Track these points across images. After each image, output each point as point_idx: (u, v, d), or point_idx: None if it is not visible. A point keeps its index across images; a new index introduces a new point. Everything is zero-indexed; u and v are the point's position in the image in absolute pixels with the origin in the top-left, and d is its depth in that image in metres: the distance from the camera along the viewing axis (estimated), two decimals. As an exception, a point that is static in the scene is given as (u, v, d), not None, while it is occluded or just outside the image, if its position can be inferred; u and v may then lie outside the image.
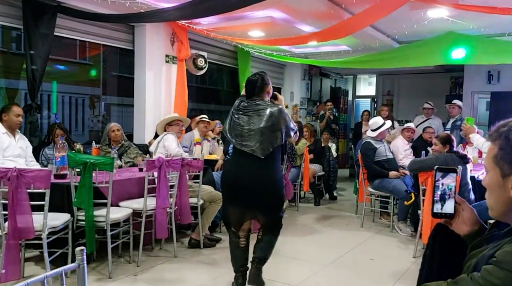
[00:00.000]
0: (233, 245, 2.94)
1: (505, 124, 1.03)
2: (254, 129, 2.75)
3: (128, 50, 5.72)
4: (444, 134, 4.61)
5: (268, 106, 2.80)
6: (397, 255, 3.97)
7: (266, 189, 2.76)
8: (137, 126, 5.74)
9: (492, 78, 8.17)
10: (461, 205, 1.20)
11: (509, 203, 1.01)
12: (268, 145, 2.73)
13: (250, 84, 2.90)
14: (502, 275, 0.89)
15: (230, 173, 2.93)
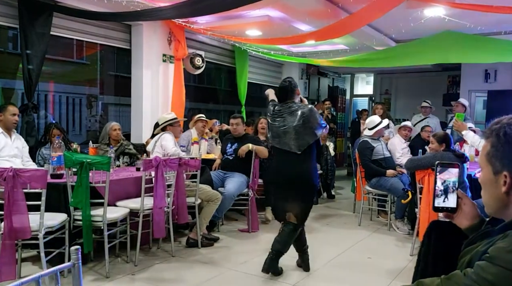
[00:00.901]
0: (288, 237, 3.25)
1: (498, 122, 1.04)
2: (289, 128, 3.14)
3: (125, 50, 5.71)
4: (441, 133, 4.62)
5: (299, 107, 3.19)
6: (395, 253, 3.97)
7: (302, 180, 3.16)
8: (135, 126, 5.74)
9: (489, 76, 8.19)
10: (463, 200, 1.22)
11: (501, 199, 1.02)
12: (303, 141, 3.13)
13: (282, 90, 3.32)
14: (494, 270, 0.90)
15: (274, 169, 3.37)
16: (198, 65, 6.13)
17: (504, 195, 1.01)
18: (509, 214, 1.02)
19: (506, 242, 0.93)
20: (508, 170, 0.99)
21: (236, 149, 4.64)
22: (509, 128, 1.00)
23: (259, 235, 4.43)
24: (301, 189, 3.17)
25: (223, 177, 4.64)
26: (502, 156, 1.00)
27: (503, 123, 1.02)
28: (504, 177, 1.00)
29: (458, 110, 6.56)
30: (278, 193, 3.28)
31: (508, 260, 0.89)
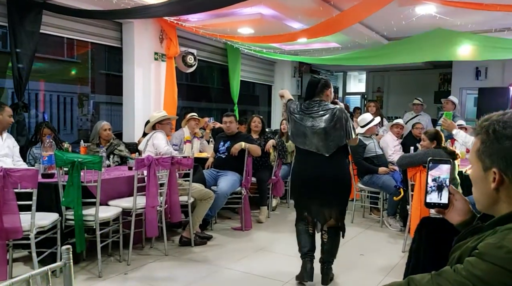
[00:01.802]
0: (301, 231, 3.10)
1: (487, 118, 1.05)
2: (318, 129, 2.92)
3: (117, 48, 5.67)
4: (433, 130, 4.65)
5: (330, 107, 2.96)
6: (387, 250, 4.00)
7: (334, 184, 2.94)
8: (126, 125, 5.71)
9: (480, 74, 8.28)
10: (455, 195, 1.22)
11: (491, 195, 1.03)
12: (332, 144, 2.91)
13: (311, 85, 3.06)
14: (484, 267, 0.90)
15: (299, 170, 3.12)
16: (190, 63, 6.11)
17: (493, 192, 1.02)
18: (498, 210, 1.03)
19: (495, 238, 0.94)
20: (497, 167, 1.00)
21: (229, 147, 4.63)
22: (498, 125, 1.00)
23: (253, 233, 4.43)
24: (337, 190, 2.97)
25: (216, 175, 4.64)
26: (491, 152, 1.01)
27: (493, 120, 1.02)
28: (493, 173, 1.01)
29: (448, 107, 6.61)
30: (310, 196, 3.01)
31: (497, 256, 0.90)
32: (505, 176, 0.99)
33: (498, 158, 1.00)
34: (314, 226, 3.06)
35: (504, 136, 0.99)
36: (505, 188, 1.00)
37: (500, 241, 0.92)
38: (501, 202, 1.02)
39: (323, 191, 2.93)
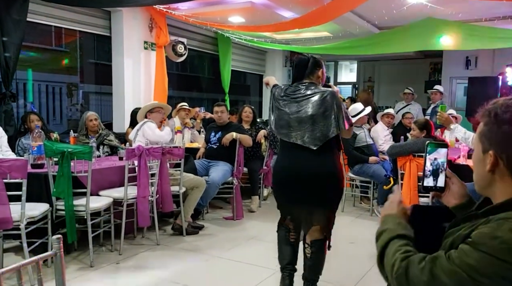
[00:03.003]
0: (282, 239, 2.64)
1: (494, 103, 1.06)
2: (304, 116, 2.41)
3: (105, 37, 5.60)
4: (422, 119, 4.70)
5: (320, 90, 2.45)
6: (377, 238, 4.05)
7: (323, 183, 2.42)
8: (116, 115, 5.66)
9: (470, 63, 8.32)
10: (451, 179, 1.24)
11: (487, 177, 1.05)
12: (321, 135, 2.39)
13: (298, 64, 2.54)
14: (477, 256, 0.91)
15: (281, 167, 2.58)
16: (180, 52, 6.06)
17: (489, 174, 1.04)
18: (494, 193, 1.05)
19: (489, 228, 0.94)
20: (494, 149, 1.02)
21: (220, 138, 4.63)
22: (501, 110, 1.02)
23: (244, 223, 4.46)
24: (326, 192, 2.44)
25: (207, 165, 4.64)
26: (490, 135, 1.03)
27: (497, 105, 1.04)
28: (489, 156, 1.03)
29: (436, 98, 6.68)
30: (293, 198, 2.50)
31: (491, 246, 0.90)
32: (500, 159, 1.01)
33: (495, 141, 1.02)
34: (298, 234, 2.62)
35: (503, 120, 1.01)
36: (500, 171, 1.02)
37: (494, 231, 0.92)
38: (496, 184, 1.04)
39: (310, 193, 2.43)
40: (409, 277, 0.99)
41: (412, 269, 0.99)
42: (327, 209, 2.52)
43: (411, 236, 1.11)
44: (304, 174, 2.42)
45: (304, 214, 2.52)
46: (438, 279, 0.94)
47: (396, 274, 1.02)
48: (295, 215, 2.56)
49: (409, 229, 1.14)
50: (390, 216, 1.21)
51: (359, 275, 3.10)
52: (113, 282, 3.00)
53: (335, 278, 3.01)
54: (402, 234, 1.11)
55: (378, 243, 1.15)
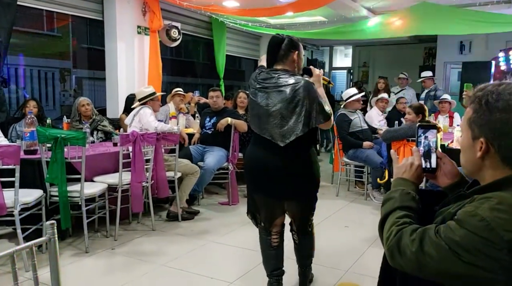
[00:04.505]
0: (264, 244, 2.48)
1: (482, 88, 1.07)
2: (272, 111, 2.19)
3: (98, 21, 5.51)
4: (417, 104, 4.72)
5: (291, 79, 2.18)
6: (371, 222, 4.09)
7: (298, 175, 2.27)
8: (110, 100, 5.61)
9: (464, 48, 8.32)
10: (442, 159, 1.26)
11: (476, 163, 1.08)
12: (289, 132, 2.17)
13: (271, 46, 2.27)
14: (462, 233, 0.96)
15: (253, 159, 2.37)
16: (174, 37, 5.99)
17: (479, 160, 1.06)
18: (482, 176, 1.08)
19: (472, 207, 0.98)
20: (485, 136, 1.04)
21: (215, 123, 4.61)
22: (491, 97, 1.03)
23: (240, 208, 4.48)
24: (295, 186, 2.29)
25: (202, 151, 4.63)
26: (481, 122, 1.04)
27: (487, 91, 1.04)
28: (480, 143, 1.04)
29: (429, 83, 6.70)
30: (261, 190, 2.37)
31: (471, 223, 0.95)
32: (491, 146, 1.03)
33: (487, 129, 1.03)
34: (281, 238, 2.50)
35: (495, 108, 1.01)
36: (490, 157, 1.04)
37: (475, 210, 0.97)
38: (485, 169, 1.06)
39: (279, 186, 2.27)
40: (400, 247, 1.05)
41: (403, 240, 1.05)
42: (297, 202, 2.38)
43: (414, 207, 1.14)
44: (272, 168, 2.25)
45: (276, 206, 2.40)
46: (425, 250, 0.99)
47: (389, 245, 1.07)
48: (265, 204, 2.41)
49: (415, 200, 1.16)
50: (402, 181, 1.22)
51: (354, 259, 3.14)
52: (108, 267, 3.02)
53: (330, 261, 3.05)
54: (405, 206, 1.14)
55: (383, 209, 1.19)
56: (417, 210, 1.15)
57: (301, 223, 2.46)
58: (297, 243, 2.54)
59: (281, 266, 2.52)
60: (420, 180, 1.24)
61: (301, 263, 2.59)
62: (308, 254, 2.59)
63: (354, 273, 2.91)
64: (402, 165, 1.26)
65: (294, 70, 2.30)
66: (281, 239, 2.50)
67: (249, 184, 2.50)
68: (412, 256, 1.01)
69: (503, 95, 1.02)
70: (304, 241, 2.52)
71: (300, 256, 2.57)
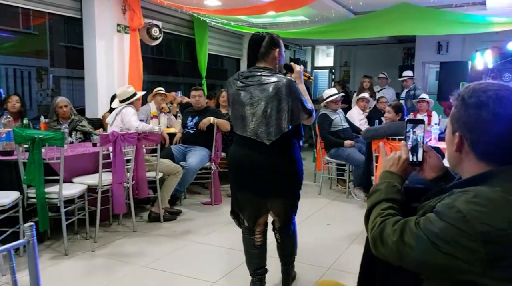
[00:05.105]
0: (247, 244, 2.48)
1: (467, 87, 1.12)
2: (256, 109, 2.21)
3: (76, 19, 5.40)
4: (396, 102, 4.80)
5: (274, 77, 2.21)
6: (352, 219, 4.14)
7: (281, 173, 2.30)
8: (89, 100, 5.51)
9: (442, 48, 8.51)
10: (428, 153, 1.30)
11: (455, 156, 1.13)
12: (275, 129, 2.20)
13: (252, 44, 2.28)
14: (441, 225, 0.99)
15: (237, 158, 2.36)
16: (155, 36, 5.92)
17: (457, 154, 1.12)
18: (462, 171, 1.13)
19: (450, 199, 1.02)
20: (460, 131, 1.09)
21: (197, 122, 4.59)
22: (467, 94, 1.08)
23: (222, 208, 4.47)
24: (279, 185, 2.31)
25: (184, 151, 4.60)
26: (457, 117, 1.10)
27: (469, 89, 1.10)
28: (456, 137, 1.10)
29: (409, 83, 6.84)
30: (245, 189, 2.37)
31: (449, 215, 0.99)
32: (465, 141, 1.08)
33: (461, 123, 1.09)
34: (264, 237, 2.51)
35: (469, 105, 1.07)
36: (466, 152, 1.10)
37: (453, 202, 1.00)
38: (463, 163, 1.12)
39: (264, 184, 2.29)
40: (383, 237, 1.09)
41: (386, 230, 1.09)
42: (282, 199, 2.39)
43: (398, 199, 1.19)
44: (257, 166, 2.27)
45: (260, 204, 2.39)
46: (405, 241, 1.04)
47: (372, 235, 1.12)
48: (250, 203, 2.40)
49: (400, 193, 1.21)
50: (389, 174, 1.26)
51: (336, 256, 3.17)
52: (88, 269, 2.96)
53: (312, 259, 3.07)
54: (390, 198, 1.19)
55: (369, 200, 1.23)
56: (401, 202, 1.20)
57: (284, 221, 2.47)
58: (279, 242, 2.55)
59: (264, 265, 2.53)
60: (407, 173, 1.29)
61: (284, 261, 2.61)
62: (291, 253, 2.61)
63: (336, 270, 2.94)
64: (390, 158, 1.30)
65: (276, 67, 2.32)
66: (264, 238, 2.51)
67: (233, 183, 2.49)
68: (393, 245, 1.06)
69: (477, 93, 1.06)
70: (286, 240, 2.53)
71: (282, 255, 2.59)
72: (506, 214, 0.95)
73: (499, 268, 0.94)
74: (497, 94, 1.04)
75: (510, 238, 0.93)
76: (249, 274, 2.52)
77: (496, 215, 0.95)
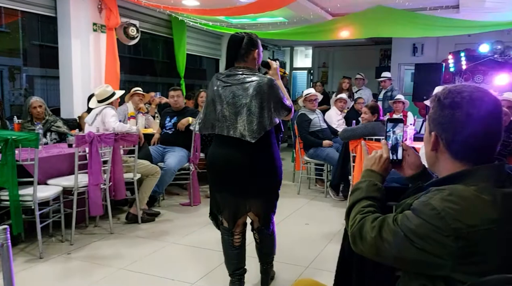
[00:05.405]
0: (226, 244, 2.48)
1: (443, 88, 1.16)
2: (239, 107, 2.24)
3: (51, 17, 5.28)
4: (372, 103, 4.89)
5: (255, 77, 2.26)
6: (331, 218, 4.20)
7: (261, 173, 2.32)
8: (64, 100, 5.40)
9: (417, 50, 8.72)
10: (407, 151, 1.35)
11: (432, 156, 1.17)
12: (258, 127, 2.23)
13: (232, 44, 2.30)
14: (417, 222, 1.03)
15: (218, 158, 2.36)
16: (132, 35, 5.85)
17: (432, 152, 1.16)
18: (439, 170, 1.17)
19: (426, 197, 1.06)
20: (435, 130, 1.13)
21: (176, 123, 4.55)
22: (444, 96, 1.12)
23: (201, 208, 4.46)
24: (260, 185, 2.34)
25: (162, 151, 4.56)
26: (433, 117, 1.14)
27: (445, 91, 1.14)
28: (432, 136, 1.14)
29: (387, 84, 6.97)
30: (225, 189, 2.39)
31: (424, 212, 1.03)
32: (440, 140, 1.13)
33: (437, 123, 1.13)
34: (243, 237, 2.51)
35: (444, 105, 1.11)
36: (441, 151, 1.14)
37: (428, 200, 1.04)
38: (439, 162, 1.16)
39: (245, 185, 2.31)
40: (362, 233, 1.13)
41: (365, 227, 1.13)
42: (262, 199, 2.42)
43: (378, 197, 1.24)
44: (238, 166, 2.29)
45: (240, 204, 2.40)
46: (383, 237, 1.08)
47: (352, 231, 1.16)
48: (230, 204, 2.40)
49: (380, 191, 1.26)
50: (370, 173, 1.30)
51: (314, 255, 3.21)
52: (64, 273, 2.90)
53: (291, 258, 3.10)
54: (371, 196, 1.23)
55: (350, 198, 1.28)
56: (381, 200, 1.24)
57: (264, 221, 2.49)
58: (258, 242, 2.57)
59: (243, 265, 2.53)
60: (387, 171, 1.33)
61: (263, 261, 2.62)
62: (270, 252, 2.63)
63: (314, 268, 2.98)
64: (371, 157, 1.34)
65: (255, 67, 2.37)
66: (243, 238, 2.52)
67: (213, 184, 2.49)
68: (371, 241, 1.09)
69: (452, 94, 1.10)
70: (265, 240, 2.55)
71: (262, 255, 2.61)
72: (478, 211, 0.99)
73: (470, 263, 0.99)
74: (471, 96, 1.08)
75: (480, 234, 0.98)
76: (228, 275, 2.53)
77: (468, 213, 0.99)
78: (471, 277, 0.98)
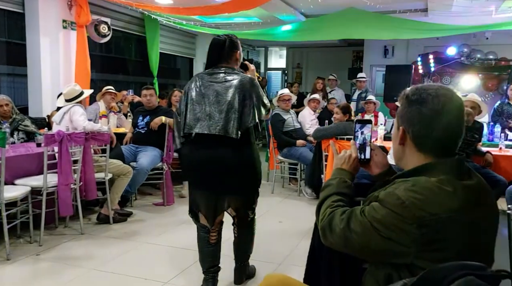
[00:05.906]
0: (202, 242, 2.49)
1: (411, 87, 1.23)
2: (223, 104, 2.28)
3: (18, 13, 5.12)
4: (344, 103, 5.00)
5: (238, 76, 2.34)
6: (304, 216, 4.26)
7: (242, 170, 2.36)
8: (33, 99, 5.26)
9: (388, 52, 8.95)
10: (375, 151, 1.41)
11: (399, 150, 1.24)
12: (241, 123, 2.29)
13: (215, 47, 2.38)
14: (383, 212, 1.09)
15: (197, 156, 2.37)
16: (103, 33, 5.76)
17: (400, 147, 1.22)
18: (406, 164, 1.23)
19: (391, 188, 1.13)
20: (403, 125, 1.20)
21: (148, 122, 4.51)
22: (412, 93, 1.19)
23: (175, 208, 4.43)
24: (241, 182, 2.38)
25: (135, 151, 4.50)
26: (401, 113, 1.21)
27: (413, 88, 1.21)
28: (399, 131, 1.21)
29: (362, 85, 7.12)
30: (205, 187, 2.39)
31: (389, 202, 1.09)
32: (407, 134, 1.19)
33: (404, 118, 1.19)
34: (219, 234, 2.54)
35: (411, 101, 1.18)
36: (408, 145, 1.20)
37: (394, 190, 1.10)
38: (406, 156, 1.22)
39: (227, 183, 2.34)
40: (331, 225, 1.18)
41: (335, 219, 1.18)
42: (243, 195, 2.47)
43: (348, 193, 1.30)
44: (218, 163, 2.32)
45: (220, 201, 2.44)
46: (351, 228, 1.13)
47: (322, 224, 1.21)
48: (209, 201, 2.42)
49: (350, 188, 1.32)
50: (341, 171, 1.37)
51: (287, 252, 3.25)
52: (32, 274, 2.83)
53: (264, 255, 3.13)
54: (341, 192, 1.29)
55: (321, 193, 1.33)
56: (351, 197, 1.30)
57: (244, 216, 2.54)
58: (236, 236, 2.61)
59: (218, 263, 2.55)
60: (357, 170, 1.39)
61: (238, 258, 2.65)
62: (246, 249, 2.65)
63: (287, 265, 3.02)
64: (341, 157, 1.40)
65: (237, 67, 2.45)
66: (219, 236, 2.54)
67: (192, 182, 2.50)
68: (340, 232, 1.14)
69: (419, 91, 1.18)
70: (244, 235, 2.60)
71: (238, 252, 2.63)
72: (440, 201, 1.06)
73: (433, 250, 1.05)
74: (437, 92, 1.15)
75: (441, 222, 1.04)
76: (201, 272, 2.53)
77: (431, 202, 1.05)
78: (432, 264, 1.03)
